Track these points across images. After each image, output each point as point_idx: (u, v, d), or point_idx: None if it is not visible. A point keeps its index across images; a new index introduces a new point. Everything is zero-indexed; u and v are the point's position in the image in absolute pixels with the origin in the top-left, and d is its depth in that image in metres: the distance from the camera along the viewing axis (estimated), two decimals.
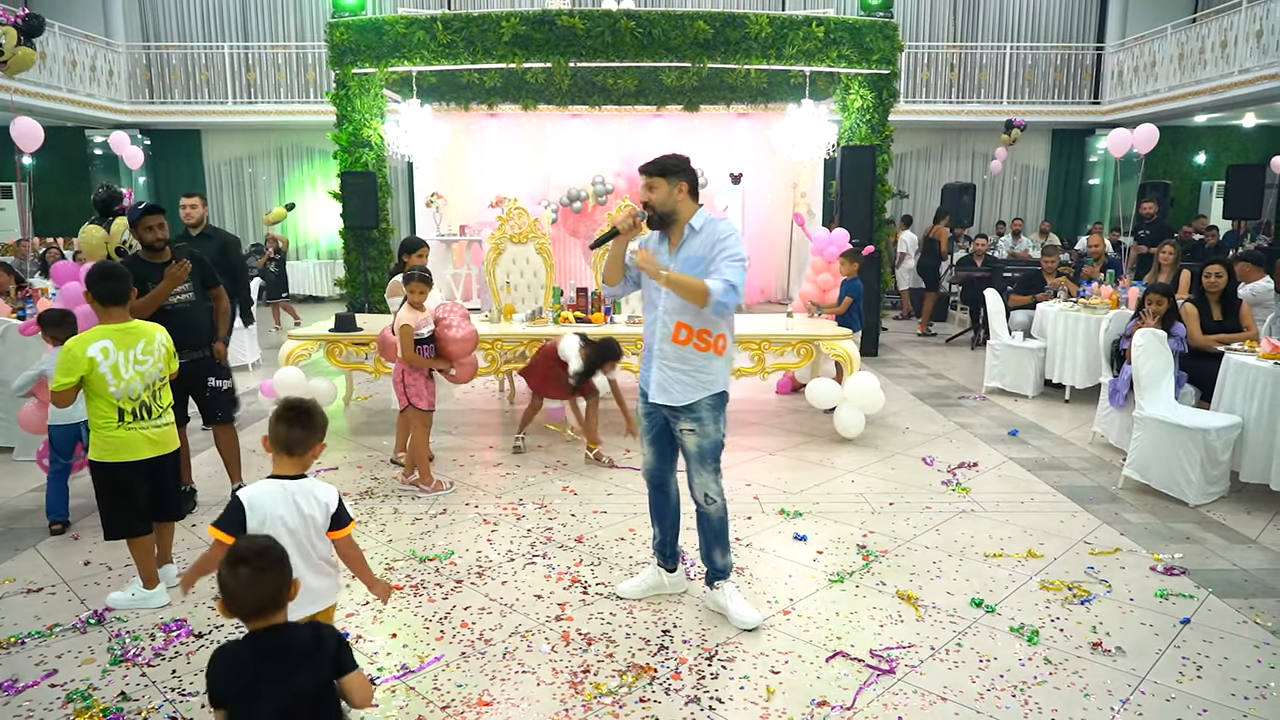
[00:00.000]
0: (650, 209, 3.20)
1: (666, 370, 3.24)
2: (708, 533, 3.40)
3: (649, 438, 3.44)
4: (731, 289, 3.07)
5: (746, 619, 3.30)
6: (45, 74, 12.06)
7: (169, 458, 3.55)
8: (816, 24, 8.81)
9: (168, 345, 3.56)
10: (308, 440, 2.40)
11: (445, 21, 8.75)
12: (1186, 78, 12.49)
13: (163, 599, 3.52)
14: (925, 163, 16.02)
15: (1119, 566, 3.90)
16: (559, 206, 12.52)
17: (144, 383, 3.40)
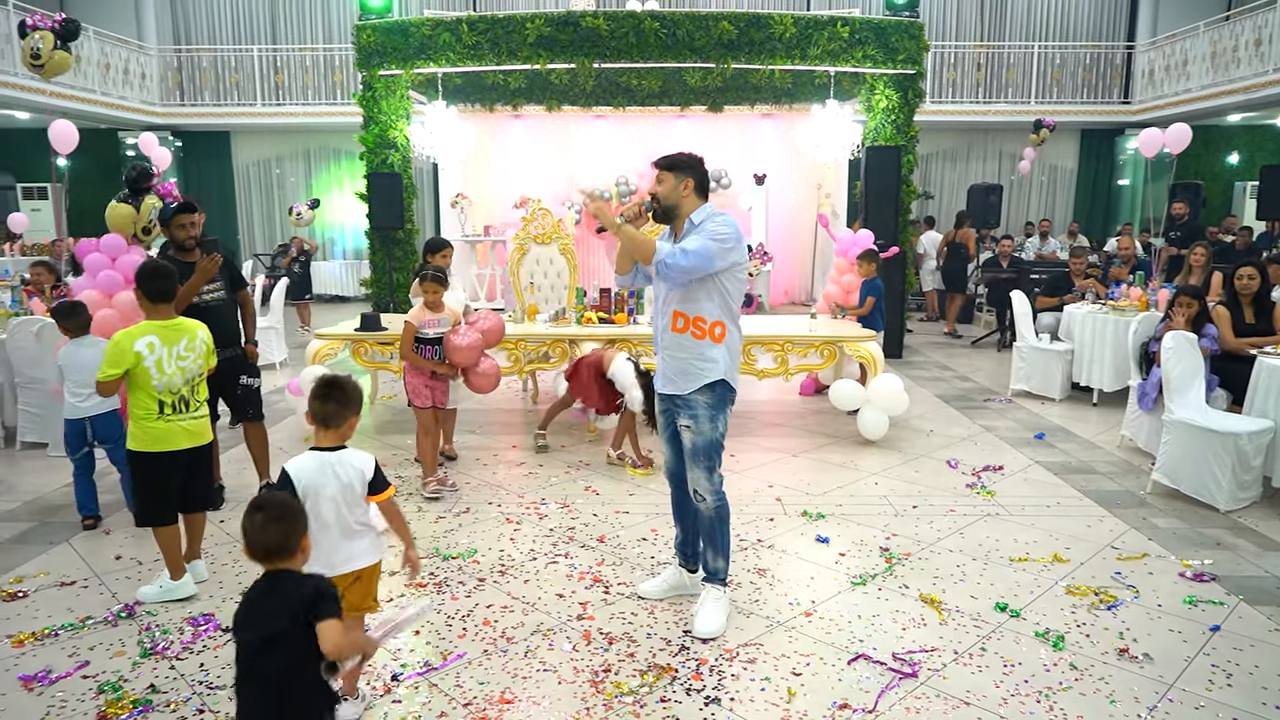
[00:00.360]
0: (656, 201, 3.27)
1: (668, 359, 3.31)
2: (703, 529, 3.42)
3: (666, 435, 3.47)
4: (681, 253, 3.10)
5: (703, 628, 3.24)
6: (80, 77, 12.29)
7: (204, 449, 3.64)
8: (841, 24, 8.77)
9: (208, 342, 3.65)
10: (342, 414, 2.62)
11: (470, 23, 8.80)
12: (1219, 76, 12.30)
13: (190, 589, 3.58)
14: (951, 163, 15.90)
15: (1147, 572, 3.85)
16: (582, 207, 12.53)
17: (184, 378, 3.51)
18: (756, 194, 12.16)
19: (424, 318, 4.87)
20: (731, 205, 12.44)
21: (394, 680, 2.94)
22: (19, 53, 8.04)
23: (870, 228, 8.25)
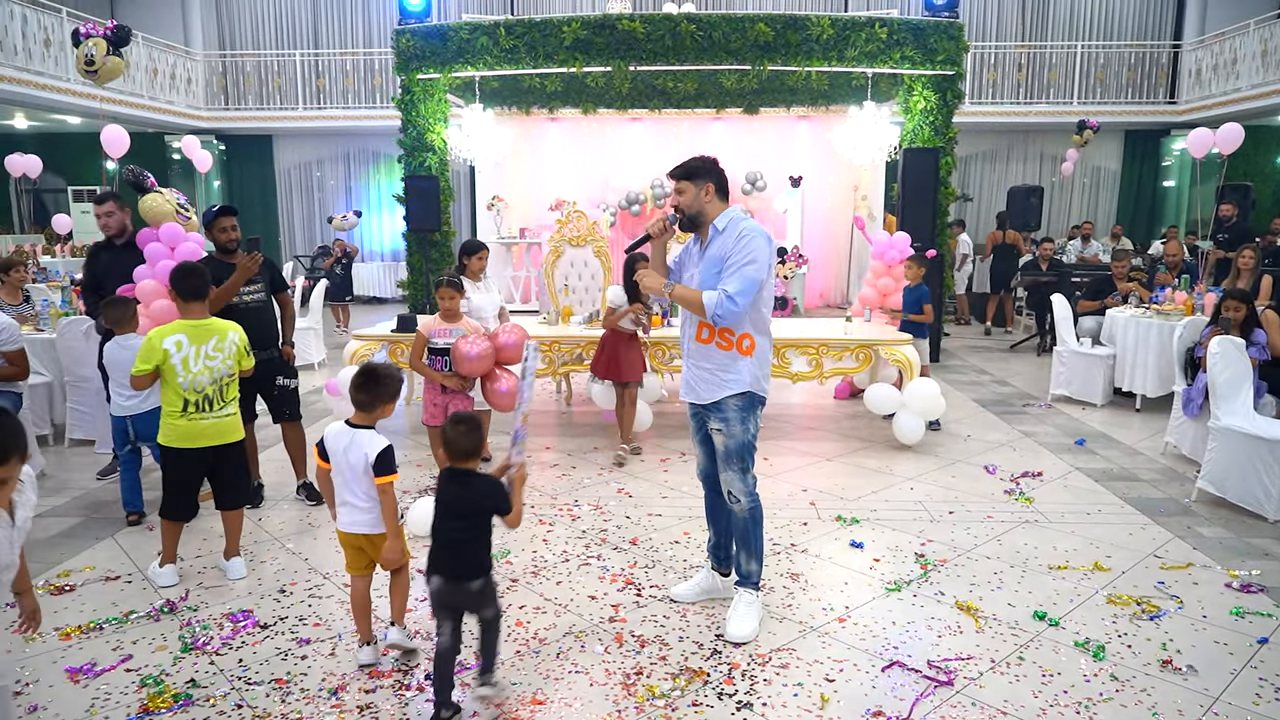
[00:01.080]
0: (680, 212, 3.27)
1: (693, 368, 3.31)
2: (736, 531, 3.41)
3: (698, 438, 3.47)
4: (728, 299, 3.09)
5: (735, 632, 3.24)
6: (129, 82, 12.59)
7: (232, 447, 3.71)
8: (879, 25, 8.69)
9: (240, 343, 3.71)
10: (374, 402, 3.00)
11: (508, 27, 8.87)
12: (1271, 75, 11.99)
13: (164, 580, 3.71)
14: (991, 165, 15.69)
15: (1191, 582, 3.76)
16: (618, 210, 12.57)
17: (211, 378, 3.59)
18: (792, 196, 12.10)
19: (435, 326, 4.72)
20: (767, 208, 12.38)
21: (427, 679, 2.96)
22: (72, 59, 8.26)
23: (907, 230, 8.16)
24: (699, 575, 3.64)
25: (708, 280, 3.19)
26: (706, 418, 3.33)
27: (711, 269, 3.20)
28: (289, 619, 3.42)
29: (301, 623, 3.39)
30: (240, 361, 3.73)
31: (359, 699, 2.85)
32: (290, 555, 4.07)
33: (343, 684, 2.93)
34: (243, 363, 3.74)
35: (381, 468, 2.93)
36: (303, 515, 4.61)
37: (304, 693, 2.89)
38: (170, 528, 3.75)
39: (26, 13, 11.00)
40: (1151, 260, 11.29)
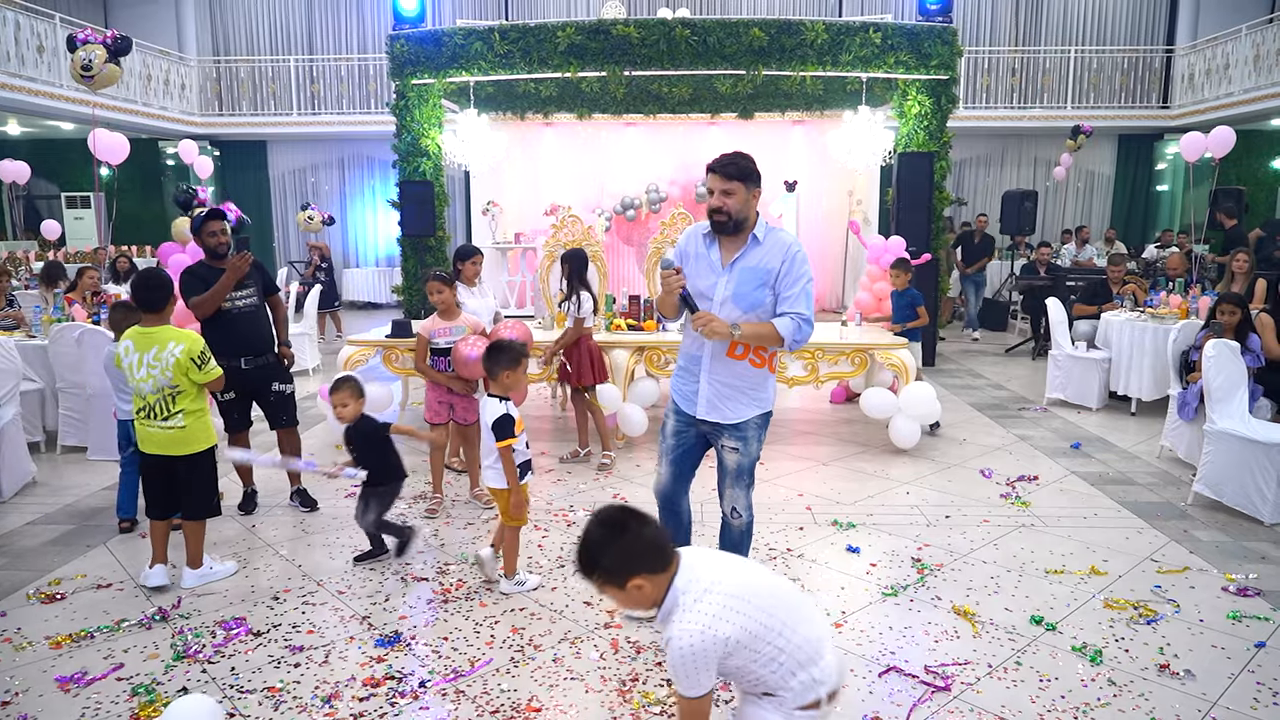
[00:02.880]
0: (725, 215, 2.98)
1: (718, 386, 3.06)
2: (731, 548, 3.26)
3: (673, 457, 3.22)
4: (807, 324, 2.95)
5: None
6: (123, 88, 12.56)
7: (180, 460, 3.65)
8: (874, 30, 8.70)
9: (182, 356, 3.54)
10: (491, 369, 3.58)
11: (502, 32, 8.87)
12: (1263, 80, 12.05)
13: (155, 580, 3.72)
14: (985, 169, 15.73)
15: (1188, 586, 3.75)
16: (613, 214, 12.57)
17: (153, 386, 3.57)
18: (787, 201, 12.10)
19: (434, 326, 4.69)
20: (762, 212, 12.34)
21: (421, 687, 2.94)
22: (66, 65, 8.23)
23: (902, 234, 8.17)
24: None
25: (744, 293, 2.98)
26: (715, 435, 3.13)
27: (752, 281, 2.99)
28: (282, 626, 3.39)
29: (295, 630, 3.37)
30: (188, 374, 3.57)
31: (352, 707, 2.83)
32: (284, 562, 4.05)
33: (336, 692, 2.91)
34: (191, 375, 3.57)
35: (497, 432, 3.47)
36: (296, 522, 4.58)
37: (297, 701, 2.86)
38: (156, 528, 3.76)
39: (19, 19, 10.98)
40: (1146, 264, 11.32)
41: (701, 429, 3.16)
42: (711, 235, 3.10)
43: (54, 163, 14.88)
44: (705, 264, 3.07)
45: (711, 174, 3.06)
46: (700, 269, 3.07)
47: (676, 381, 3.22)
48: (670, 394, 3.26)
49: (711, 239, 3.10)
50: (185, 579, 3.77)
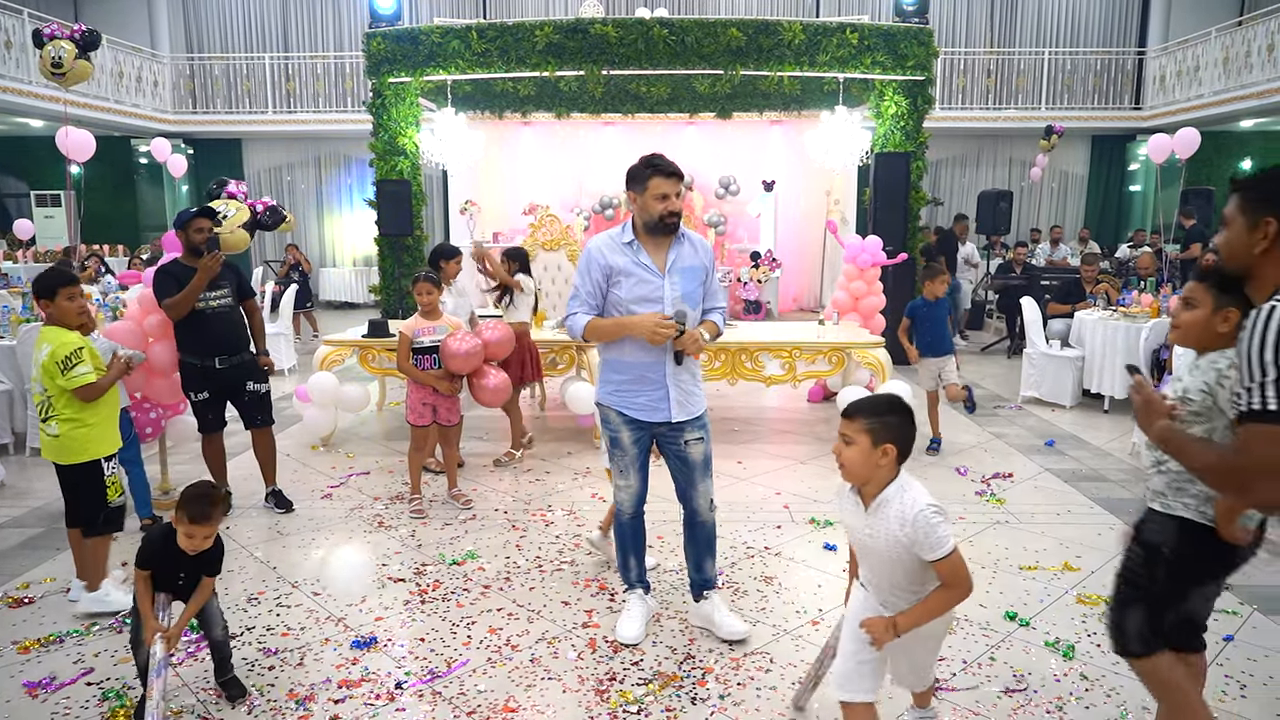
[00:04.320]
0: (677, 217, 3.12)
1: (682, 387, 3.16)
2: (704, 543, 3.30)
3: (639, 464, 3.25)
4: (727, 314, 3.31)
5: (736, 629, 3.24)
6: (94, 85, 12.38)
7: (60, 469, 3.45)
8: (850, 31, 8.75)
9: (46, 361, 3.32)
10: None
11: (480, 31, 8.83)
12: (1231, 82, 12.24)
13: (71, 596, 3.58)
14: (961, 169, 15.86)
15: None
16: (591, 214, 12.55)
17: (41, 385, 3.38)
18: (765, 200, 12.15)
19: (418, 325, 4.66)
20: (740, 212, 12.42)
21: (398, 688, 2.93)
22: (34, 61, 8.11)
23: (879, 234, 8.21)
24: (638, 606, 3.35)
25: (690, 291, 3.14)
26: (678, 434, 3.17)
27: (693, 280, 3.15)
28: (256, 629, 3.36)
29: (269, 632, 3.34)
30: (54, 378, 3.31)
31: (328, 709, 2.80)
32: (258, 564, 4.01)
33: (311, 695, 2.89)
34: (57, 379, 3.31)
35: None
36: (271, 523, 4.54)
37: (271, 704, 2.84)
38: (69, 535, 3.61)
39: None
40: (1119, 264, 11.46)
41: (654, 433, 3.22)
42: (633, 241, 3.13)
43: (23, 161, 14.64)
44: (642, 271, 3.11)
45: (670, 178, 3.11)
46: (639, 277, 3.10)
47: (627, 396, 3.17)
48: (613, 409, 3.20)
49: (634, 245, 3.13)
50: (77, 597, 3.53)
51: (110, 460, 3.49)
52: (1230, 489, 1.73)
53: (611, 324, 3.11)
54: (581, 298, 3.16)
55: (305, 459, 5.75)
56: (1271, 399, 1.56)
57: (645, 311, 3.07)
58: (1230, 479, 1.68)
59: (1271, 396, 1.56)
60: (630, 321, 3.06)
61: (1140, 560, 2.19)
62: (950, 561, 2.10)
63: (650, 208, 3.07)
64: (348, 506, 4.80)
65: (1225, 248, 1.84)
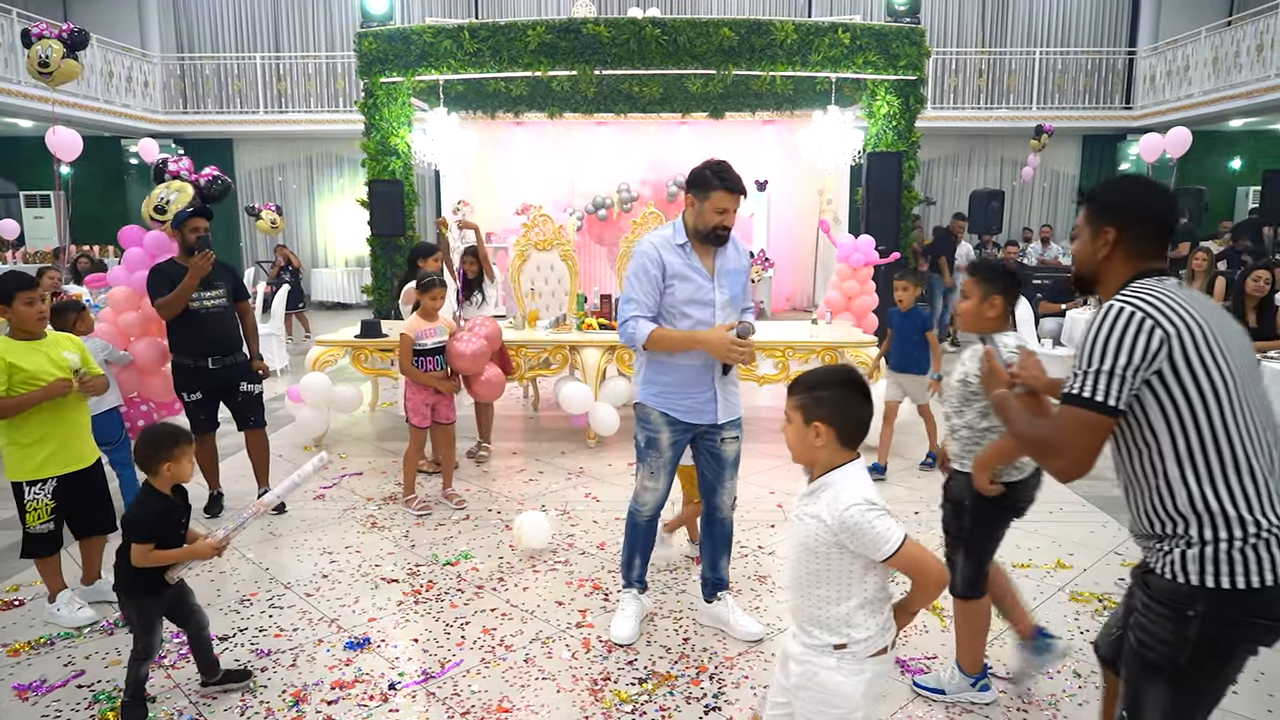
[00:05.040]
0: (728, 231, 3.07)
1: (729, 389, 3.18)
2: (721, 540, 3.33)
3: (671, 467, 3.22)
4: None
5: (752, 630, 3.25)
6: (84, 85, 12.33)
7: None
8: (843, 30, 8.76)
9: None
10: None
11: (472, 30, 8.81)
12: (1221, 81, 12.30)
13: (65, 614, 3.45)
14: (953, 169, 15.90)
15: None
16: (584, 214, 12.55)
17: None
18: (758, 200, 12.15)
19: (420, 327, 4.68)
20: None
21: (391, 689, 2.92)
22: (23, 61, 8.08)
23: (871, 233, 8.23)
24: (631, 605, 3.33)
25: (735, 295, 3.15)
26: (716, 434, 3.17)
27: (737, 283, 3.16)
28: (249, 630, 3.35)
29: (262, 633, 3.32)
30: None
31: (320, 710, 2.79)
32: (251, 565, 4.00)
33: (304, 695, 2.87)
34: None
35: None
36: (264, 525, 4.52)
37: (264, 705, 2.82)
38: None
39: None
40: None
41: (695, 433, 3.19)
42: (686, 244, 3.07)
43: (13, 161, 14.57)
44: (695, 274, 3.07)
45: (733, 194, 3.03)
46: (693, 281, 3.06)
47: (674, 398, 3.11)
48: (657, 409, 3.13)
49: (687, 248, 3.07)
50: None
51: (36, 486, 3.27)
52: (1038, 456, 1.89)
53: (682, 337, 3.02)
54: (639, 301, 3.04)
55: (298, 460, 5.72)
56: (1088, 387, 1.72)
57: (696, 313, 3.04)
58: (1039, 448, 1.86)
59: (1088, 385, 1.72)
60: (705, 338, 2.97)
61: (951, 514, 2.75)
62: (905, 556, 1.86)
63: (707, 218, 3.01)
64: (341, 508, 4.79)
65: (1076, 255, 1.99)
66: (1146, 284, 1.78)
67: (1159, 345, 1.69)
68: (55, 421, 3.28)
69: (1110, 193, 1.93)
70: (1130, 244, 1.86)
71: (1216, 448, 1.69)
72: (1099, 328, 1.74)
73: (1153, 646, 1.75)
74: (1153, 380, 1.71)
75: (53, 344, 3.34)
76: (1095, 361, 1.72)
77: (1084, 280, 1.99)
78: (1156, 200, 1.89)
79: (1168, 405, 1.71)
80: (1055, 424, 1.79)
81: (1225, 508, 1.68)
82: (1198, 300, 1.77)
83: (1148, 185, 1.92)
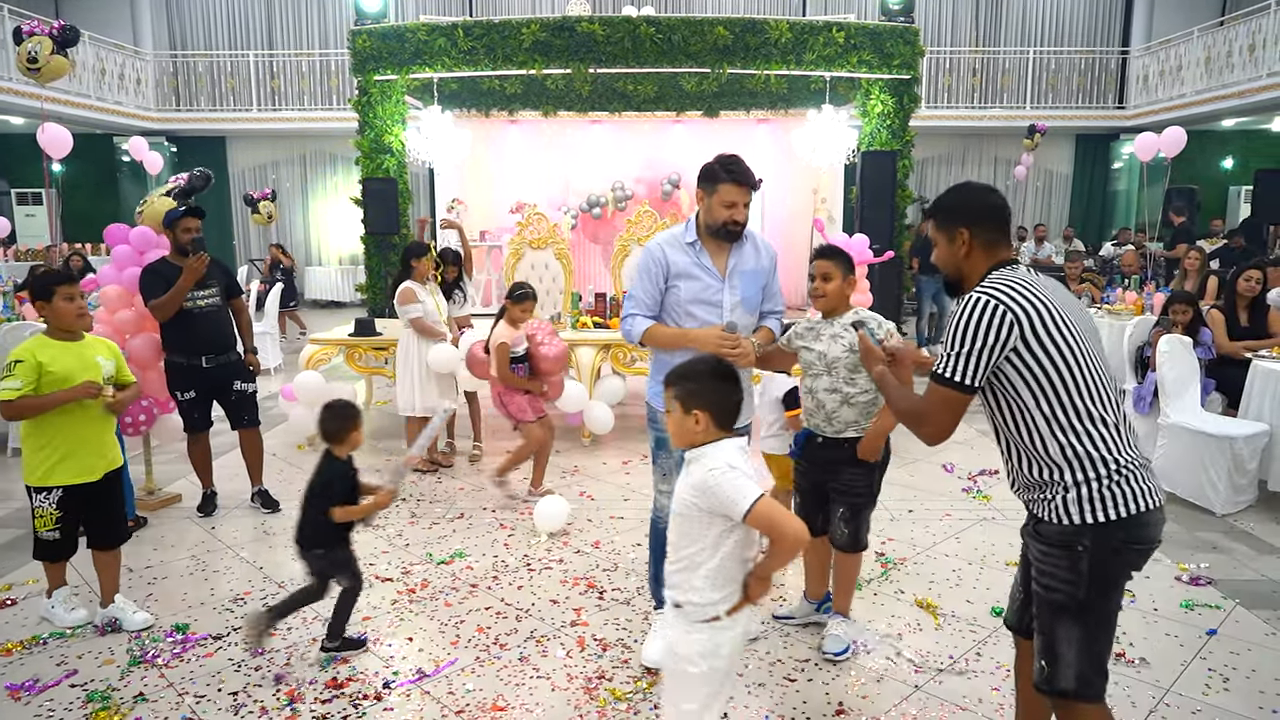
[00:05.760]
0: (740, 226, 2.99)
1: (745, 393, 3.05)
2: None
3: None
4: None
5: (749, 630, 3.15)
6: (75, 82, 12.28)
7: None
8: (837, 29, 8.77)
9: None
10: None
11: (466, 28, 8.80)
12: (1213, 81, 12.34)
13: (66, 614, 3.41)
14: (946, 168, 15.92)
15: (1143, 576, 3.82)
16: (579, 212, 12.55)
17: None
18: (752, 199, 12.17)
19: (514, 336, 4.80)
20: None
21: (385, 688, 2.92)
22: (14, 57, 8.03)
23: (866, 232, 8.24)
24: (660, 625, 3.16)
25: (749, 296, 3.03)
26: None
27: (753, 284, 3.05)
28: (242, 629, 3.34)
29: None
30: None
31: (315, 709, 2.79)
32: (245, 564, 3.99)
33: (299, 695, 2.87)
34: None
35: (789, 403, 4.00)
36: (258, 523, 4.51)
37: (259, 704, 2.82)
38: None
39: None
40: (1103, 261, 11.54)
41: None
42: (696, 242, 3.00)
43: (4, 158, 14.49)
44: (702, 273, 2.99)
45: (742, 187, 2.97)
46: (700, 280, 2.98)
47: None
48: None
49: (696, 246, 3.00)
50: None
51: (42, 494, 3.19)
52: (910, 425, 2.14)
53: (675, 334, 2.98)
54: (639, 299, 3.03)
55: (291, 458, 5.72)
56: (949, 368, 2.00)
57: (702, 313, 2.97)
58: (911, 418, 2.13)
59: (949, 366, 2.00)
60: (694, 335, 2.92)
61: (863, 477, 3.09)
62: (760, 513, 1.93)
63: (715, 213, 2.95)
64: None
65: (940, 264, 2.21)
66: (1001, 275, 2.04)
67: (1010, 327, 1.94)
68: (65, 430, 3.16)
69: (954, 199, 2.18)
70: (982, 238, 2.11)
71: (1073, 403, 1.96)
72: (961, 316, 1.99)
73: (1055, 588, 1.98)
74: (1012, 356, 1.96)
75: (89, 347, 3.28)
76: (956, 345, 1.99)
77: (952, 284, 2.20)
78: (992, 197, 2.15)
79: (1027, 374, 1.97)
80: (924, 399, 2.07)
81: (1090, 451, 1.97)
82: (1042, 282, 2.03)
83: (981, 187, 2.19)
